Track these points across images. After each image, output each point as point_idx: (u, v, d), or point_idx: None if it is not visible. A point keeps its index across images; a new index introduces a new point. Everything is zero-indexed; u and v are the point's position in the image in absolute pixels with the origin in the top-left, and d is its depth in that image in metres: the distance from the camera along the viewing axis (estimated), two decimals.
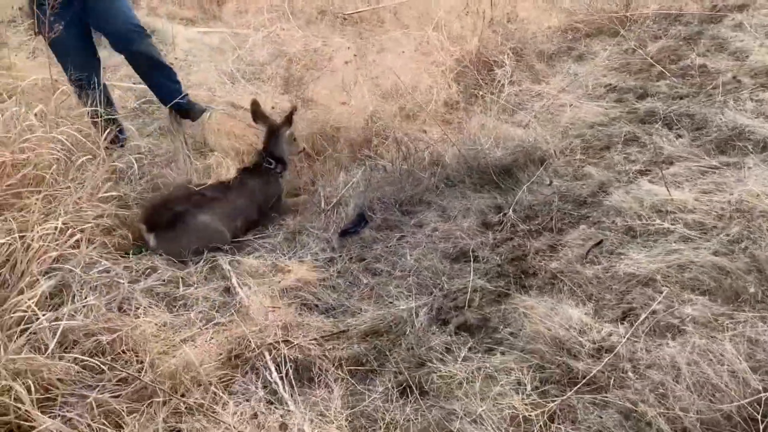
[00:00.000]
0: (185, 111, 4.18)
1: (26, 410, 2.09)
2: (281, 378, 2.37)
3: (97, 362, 2.35)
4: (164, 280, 2.96)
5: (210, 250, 3.26)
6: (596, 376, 2.13)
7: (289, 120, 3.81)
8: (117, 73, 5.07)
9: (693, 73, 4.22)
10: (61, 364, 2.29)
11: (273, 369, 2.41)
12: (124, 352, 2.46)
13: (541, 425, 2.03)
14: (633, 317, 2.33)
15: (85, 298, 2.63)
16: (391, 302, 2.80)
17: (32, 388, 2.15)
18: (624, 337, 2.21)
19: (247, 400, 2.28)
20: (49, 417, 2.12)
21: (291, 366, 2.41)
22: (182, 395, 2.29)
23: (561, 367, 2.22)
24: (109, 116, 3.72)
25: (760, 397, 1.87)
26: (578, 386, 2.11)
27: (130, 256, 3.07)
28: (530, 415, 2.06)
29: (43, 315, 2.39)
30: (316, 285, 3.02)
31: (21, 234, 2.62)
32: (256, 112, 3.82)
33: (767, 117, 3.42)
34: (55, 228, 2.75)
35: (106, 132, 3.46)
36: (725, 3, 5.25)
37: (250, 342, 2.52)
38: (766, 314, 2.13)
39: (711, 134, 3.43)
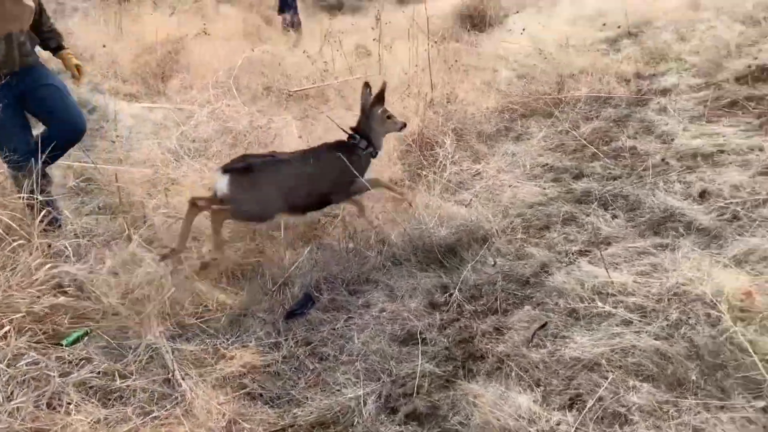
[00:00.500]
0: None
1: None
2: None
3: None
4: (99, 372, 2.81)
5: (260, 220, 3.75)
6: None
7: (380, 98, 3.97)
8: None
9: (624, 154, 4.45)
10: None
11: None
12: None
13: None
14: (580, 404, 2.34)
15: (11, 395, 2.47)
16: (338, 389, 2.74)
17: None
18: (573, 426, 2.21)
19: None
20: None
21: None
22: None
23: None
24: (48, 197, 3.61)
25: None
26: None
27: (64, 345, 2.92)
28: None
29: None
30: (260, 372, 2.93)
31: None
32: (363, 93, 4.01)
33: (695, 199, 3.61)
34: None
35: (42, 214, 3.33)
36: (650, 87, 5.61)
37: None
38: (709, 402, 2.19)
39: (644, 215, 3.58)
